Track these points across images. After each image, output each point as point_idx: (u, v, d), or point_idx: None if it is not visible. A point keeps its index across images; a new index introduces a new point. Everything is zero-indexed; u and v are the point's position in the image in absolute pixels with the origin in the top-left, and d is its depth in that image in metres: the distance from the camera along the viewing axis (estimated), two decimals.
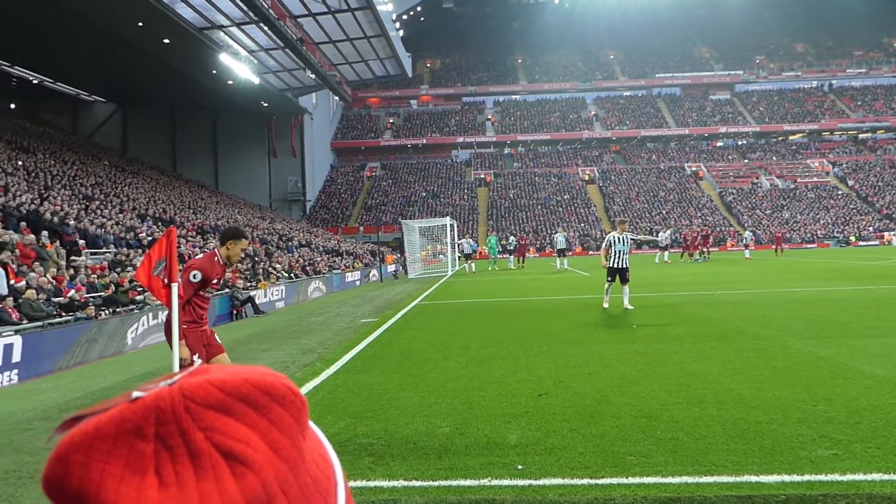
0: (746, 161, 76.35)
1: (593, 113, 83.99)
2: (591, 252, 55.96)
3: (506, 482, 4.56)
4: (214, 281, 6.16)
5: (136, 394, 0.50)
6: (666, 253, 37.15)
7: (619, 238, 14.49)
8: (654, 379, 7.48)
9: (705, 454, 4.87)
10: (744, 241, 40.03)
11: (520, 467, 4.82)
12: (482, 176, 74.92)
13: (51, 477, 0.48)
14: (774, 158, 76.34)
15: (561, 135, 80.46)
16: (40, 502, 4.76)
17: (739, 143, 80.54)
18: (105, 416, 0.49)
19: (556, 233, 35.20)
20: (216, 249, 6.25)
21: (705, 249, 38.18)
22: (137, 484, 0.47)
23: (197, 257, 6.35)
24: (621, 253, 14.42)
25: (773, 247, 44.94)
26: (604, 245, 14.85)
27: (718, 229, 60.51)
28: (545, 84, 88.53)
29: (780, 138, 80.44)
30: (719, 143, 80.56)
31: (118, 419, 0.48)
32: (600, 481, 4.48)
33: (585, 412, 6.20)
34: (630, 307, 14.21)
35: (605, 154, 79.31)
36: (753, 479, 4.39)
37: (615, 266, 14.44)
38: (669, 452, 4.95)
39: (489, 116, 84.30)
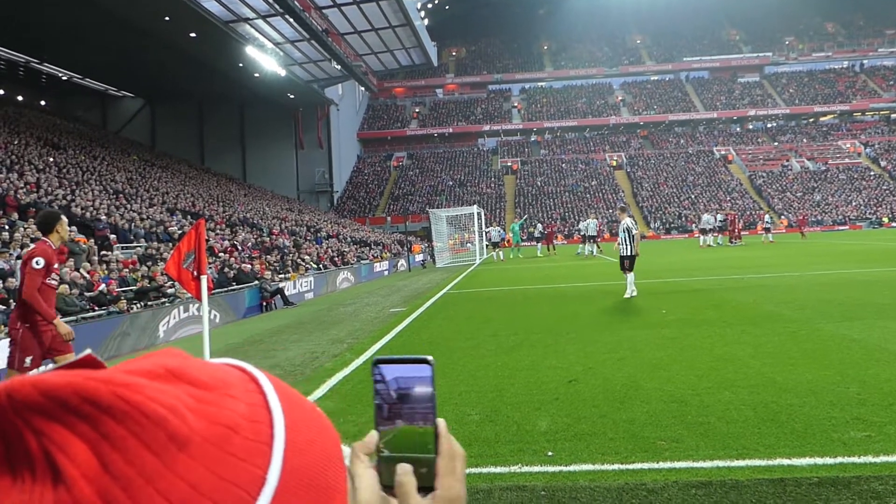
0: (776, 144, 75.23)
1: (620, 98, 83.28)
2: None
3: (536, 468, 4.58)
4: (56, 267, 6.00)
5: None
6: (709, 237, 36.63)
7: (630, 224, 14.38)
8: (685, 364, 7.44)
9: (737, 438, 4.85)
10: (764, 224, 39.14)
11: (550, 454, 4.82)
12: (509, 164, 74.69)
13: None
14: (805, 140, 75.15)
15: (588, 121, 79.92)
16: None
17: (769, 125, 79.39)
18: None
19: (587, 219, 35.02)
20: (45, 240, 6.03)
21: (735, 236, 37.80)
22: None
23: (34, 245, 6.16)
24: (627, 245, 14.23)
25: (798, 230, 44.54)
26: (636, 234, 14.61)
27: (748, 213, 59.79)
28: (571, 70, 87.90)
29: (810, 120, 79.18)
30: (749, 126, 79.47)
31: None
32: (631, 466, 4.48)
33: (615, 398, 6.19)
34: (630, 294, 14.13)
35: (632, 139, 78.63)
36: (786, 462, 4.36)
37: (626, 253, 14.25)
38: (701, 437, 4.93)
39: (515, 104, 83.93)
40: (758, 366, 7.13)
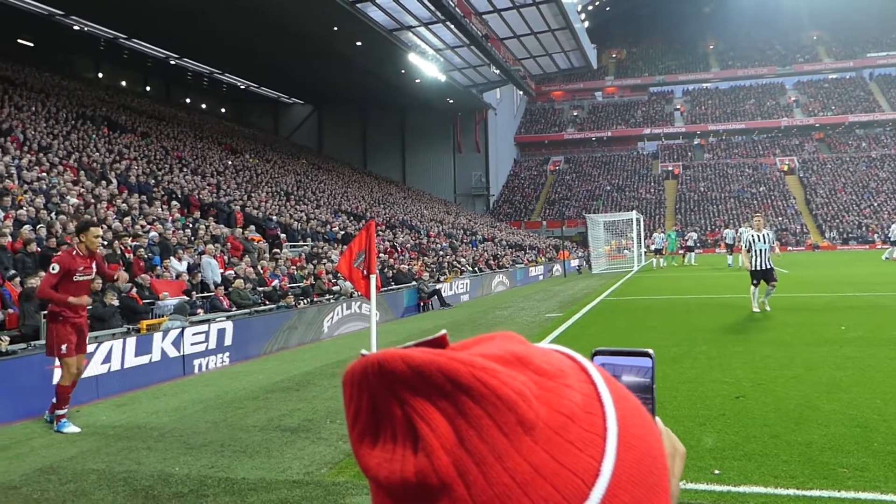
0: None
1: (793, 99, 78.44)
2: (789, 248, 52.35)
3: (702, 486, 4.40)
4: (80, 270, 6.78)
5: (363, 351, 0.53)
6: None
7: (757, 236, 13.06)
8: (868, 386, 6.90)
9: None
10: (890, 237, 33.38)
11: (717, 472, 4.62)
12: (670, 168, 72.31)
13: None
14: None
15: (756, 123, 75.87)
16: (253, 474, 5.17)
17: None
18: (350, 365, 0.53)
19: (741, 227, 33.16)
20: (73, 247, 6.95)
21: None
22: (362, 429, 0.52)
23: (58, 254, 7.18)
24: (762, 252, 12.98)
25: None
26: (743, 246, 13.60)
27: None
28: (739, 70, 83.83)
29: None
30: None
31: (351, 371, 0.53)
32: (808, 493, 4.21)
33: (789, 418, 5.84)
34: (767, 308, 13.05)
35: (806, 142, 73.77)
36: None
37: (758, 268, 13.07)
38: (889, 467, 4.55)
39: (678, 106, 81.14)
40: None
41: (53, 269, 6.72)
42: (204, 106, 56.50)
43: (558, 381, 0.54)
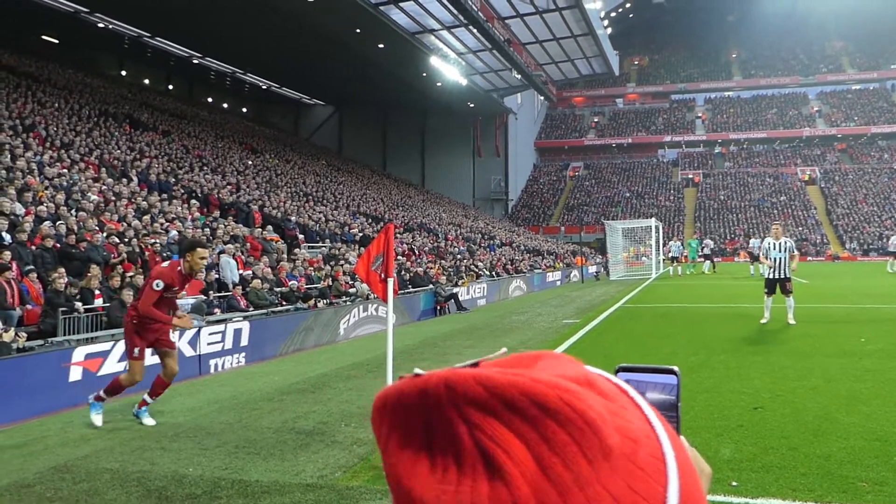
0: None
1: (816, 109, 77.74)
2: (809, 258, 51.86)
3: (719, 498, 4.35)
4: (176, 289, 6.83)
5: (417, 370, 0.51)
6: None
7: (775, 244, 12.82)
8: (888, 399, 6.81)
9: None
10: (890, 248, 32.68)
11: (734, 484, 4.57)
12: (690, 176, 71.87)
13: (371, 419, 0.54)
14: None
15: (778, 132, 75.27)
16: (267, 476, 5.17)
17: None
18: (395, 386, 0.51)
19: (758, 237, 32.78)
20: (178, 262, 6.93)
21: None
22: (412, 455, 0.48)
23: (163, 265, 7.12)
24: (779, 261, 12.71)
25: None
26: (761, 253, 13.39)
27: None
28: (762, 79, 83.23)
29: None
30: None
31: (398, 392, 0.50)
32: None
33: (808, 430, 5.76)
34: (793, 322, 12.66)
35: (828, 153, 73.07)
36: None
37: (773, 276, 12.85)
38: None
39: (699, 114, 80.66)
40: None
41: (157, 285, 6.62)
42: (225, 105, 56.90)
43: (618, 404, 0.53)
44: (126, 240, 13.58)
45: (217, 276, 14.35)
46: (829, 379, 7.83)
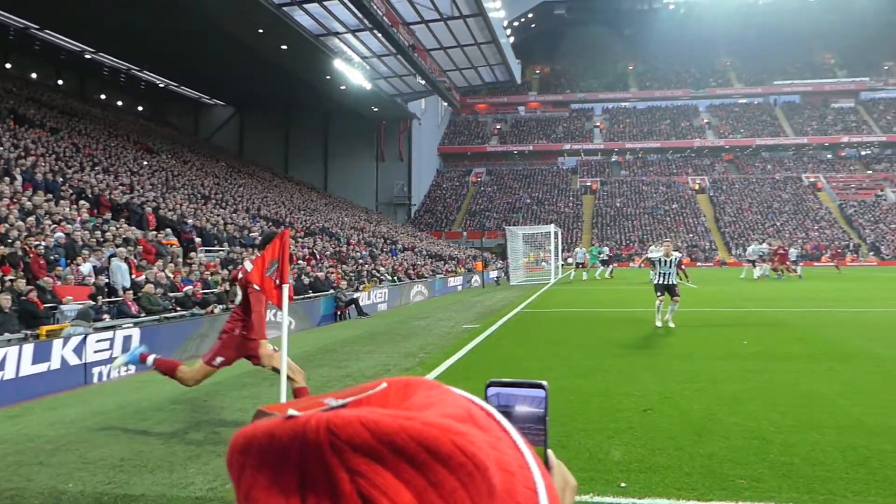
0: (870, 172, 72.12)
1: (706, 121, 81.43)
2: (698, 263, 54.25)
3: (608, 499, 4.45)
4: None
5: (291, 411, 0.47)
6: (756, 269, 33.60)
7: (665, 260, 13.65)
8: (767, 399, 7.15)
9: (823, 482, 4.61)
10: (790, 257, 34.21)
11: (623, 485, 4.69)
12: (588, 183, 73.91)
13: (227, 459, 0.50)
14: None
15: (671, 143, 78.43)
16: (153, 490, 4.98)
17: (863, 153, 76.16)
18: (262, 427, 0.47)
19: (655, 245, 33.93)
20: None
21: (782, 267, 33.19)
22: (281, 500, 0.45)
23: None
24: (666, 275, 13.58)
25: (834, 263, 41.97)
26: (644, 257, 14.22)
27: (836, 243, 57.59)
28: (656, 91, 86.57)
29: None
30: (842, 154, 76.47)
31: (269, 434, 0.46)
32: None
33: (693, 430, 5.99)
34: (672, 325, 13.43)
35: (716, 163, 76.71)
36: None
37: (662, 283, 13.65)
38: (783, 478, 4.71)
39: (597, 123, 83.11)
40: (847, 406, 6.80)
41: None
42: (120, 103, 54.62)
43: (493, 434, 0.51)
44: (9, 241, 12.85)
45: (107, 280, 13.76)
46: (715, 380, 8.15)
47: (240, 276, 6.73)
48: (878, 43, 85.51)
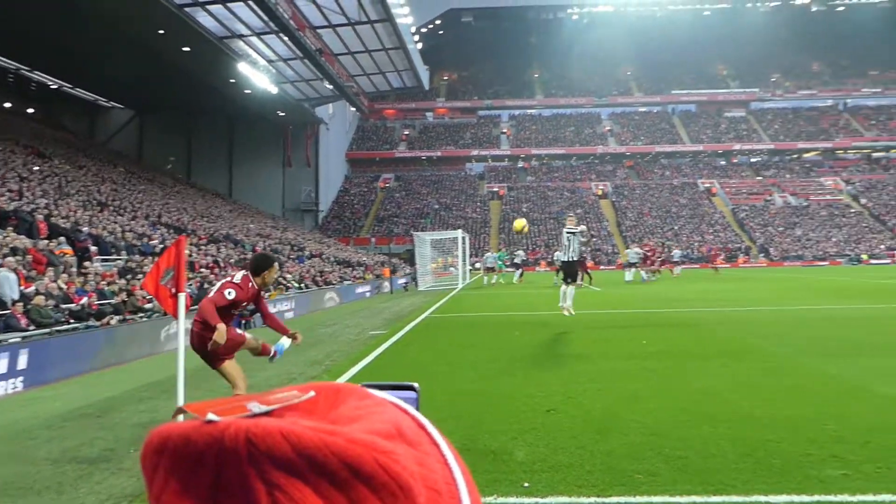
0: (760, 178, 76.11)
1: (608, 128, 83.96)
2: (601, 267, 55.85)
3: (512, 500, 4.51)
4: (244, 304, 6.81)
5: (210, 416, 0.45)
6: (632, 271, 35.28)
7: (570, 234, 13.86)
8: (664, 396, 7.40)
9: (714, 473, 4.80)
10: (628, 259, 36.48)
11: (526, 485, 4.75)
12: (495, 189, 74.95)
13: (140, 457, 0.48)
14: (788, 176, 76.08)
15: (575, 149, 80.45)
16: None
17: (753, 160, 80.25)
18: (179, 429, 0.45)
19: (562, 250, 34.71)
20: (251, 276, 6.76)
21: (654, 269, 35.39)
22: None
23: (234, 279, 6.74)
24: (570, 245, 13.67)
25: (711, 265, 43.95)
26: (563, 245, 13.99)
27: (729, 244, 60.58)
28: (561, 99, 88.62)
29: (794, 156, 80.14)
30: (734, 160, 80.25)
31: (185, 438, 0.44)
32: (608, 500, 4.42)
33: (594, 428, 6.13)
34: (567, 313, 13.87)
35: (618, 169, 79.25)
36: (762, 498, 4.32)
37: (566, 258, 13.86)
38: (678, 471, 4.89)
39: (504, 130, 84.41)
40: (737, 400, 7.10)
41: (229, 294, 6.39)
42: (8, 105, 51.77)
43: (421, 449, 0.50)
44: None
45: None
46: (615, 380, 8.37)
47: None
48: (767, 56, 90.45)
